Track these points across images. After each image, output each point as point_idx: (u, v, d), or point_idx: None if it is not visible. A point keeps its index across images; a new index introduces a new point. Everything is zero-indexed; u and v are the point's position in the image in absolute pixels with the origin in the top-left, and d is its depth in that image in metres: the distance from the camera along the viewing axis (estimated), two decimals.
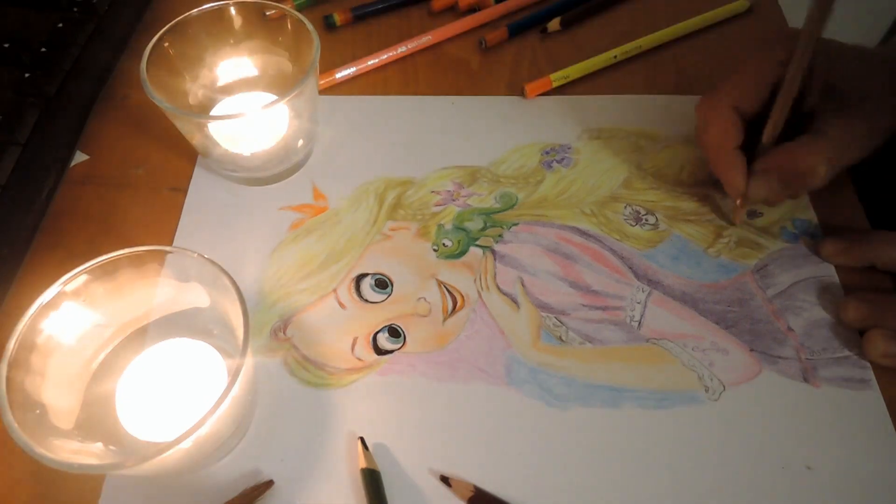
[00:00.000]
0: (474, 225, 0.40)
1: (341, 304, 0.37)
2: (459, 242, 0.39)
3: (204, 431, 0.26)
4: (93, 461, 0.26)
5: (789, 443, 0.33)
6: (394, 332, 0.36)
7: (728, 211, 0.40)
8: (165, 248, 0.31)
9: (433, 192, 0.42)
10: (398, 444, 0.33)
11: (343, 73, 0.47)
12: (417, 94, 0.47)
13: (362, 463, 0.31)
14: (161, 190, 0.42)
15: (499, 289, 0.38)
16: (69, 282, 0.29)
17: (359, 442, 0.32)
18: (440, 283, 0.38)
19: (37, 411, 0.28)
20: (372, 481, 0.31)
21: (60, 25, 0.46)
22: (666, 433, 0.33)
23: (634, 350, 0.36)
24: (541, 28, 0.50)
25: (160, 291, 0.33)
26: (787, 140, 0.36)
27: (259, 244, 0.39)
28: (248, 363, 0.28)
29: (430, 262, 0.39)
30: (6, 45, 0.44)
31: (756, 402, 0.34)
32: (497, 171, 0.43)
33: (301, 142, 0.41)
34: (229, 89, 0.43)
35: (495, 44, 0.49)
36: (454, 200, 0.41)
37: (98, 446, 0.29)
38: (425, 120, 0.45)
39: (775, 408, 0.34)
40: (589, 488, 0.32)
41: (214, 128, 0.38)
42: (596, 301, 0.37)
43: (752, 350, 0.35)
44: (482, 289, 0.38)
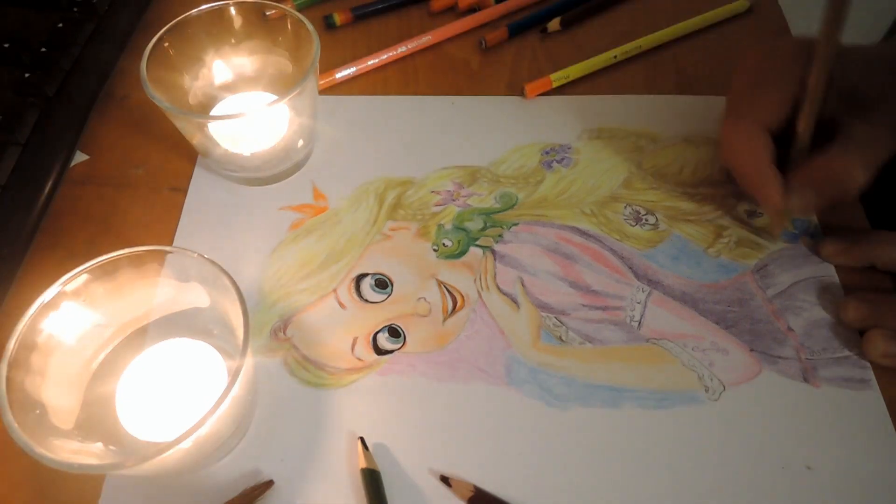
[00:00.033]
0: (474, 225, 0.40)
1: (341, 304, 0.37)
2: (459, 242, 0.39)
3: (204, 431, 0.26)
4: (93, 461, 0.26)
5: (789, 443, 0.33)
6: (394, 332, 0.36)
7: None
8: (165, 248, 0.31)
9: (433, 192, 0.42)
10: (398, 444, 0.33)
11: (343, 73, 0.47)
12: (417, 94, 0.47)
13: (362, 463, 0.31)
14: (161, 190, 0.42)
15: (499, 289, 0.38)
16: (69, 282, 0.29)
17: (359, 442, 0.32)
18: (440, 283, 0.38)
19: (37, 411, 0.28)
20: (372, 481, 0.31)
21: (60, 25, 0.45)
22: (666, 433, 0.33)
23: (634, 350, 0.36)
24: (541, 28, 0.50)
25: (160, 291, 0.33)
26: (812, 147, 0.36)
27: (259, 244, 0.39)
28: (248, 363, 0.28)
29: (430, 262, 0.39)
30: (6, 45, 0.44)
31: (756, 402, 0.34)
32: (497, 171, 0.43)
33: (301, 142, 0.41)
34: (229, 89, 0.43)
35: (495, 44, 0.49)
36: (454, 200, 0.41)
37: (98, 446, 0.29)
38: (425, 120, 0.45)
39: (775, 408, 0.34)
40: (589, 488, 0.32)
41: (214, 128, 0.38)
42: (596, 301, 0.37)
43: (752, 350, 0.35)
44: (482, 289, 0.38)
